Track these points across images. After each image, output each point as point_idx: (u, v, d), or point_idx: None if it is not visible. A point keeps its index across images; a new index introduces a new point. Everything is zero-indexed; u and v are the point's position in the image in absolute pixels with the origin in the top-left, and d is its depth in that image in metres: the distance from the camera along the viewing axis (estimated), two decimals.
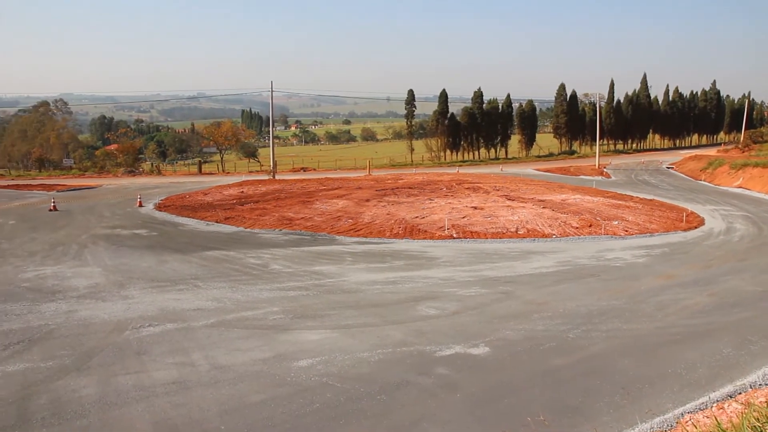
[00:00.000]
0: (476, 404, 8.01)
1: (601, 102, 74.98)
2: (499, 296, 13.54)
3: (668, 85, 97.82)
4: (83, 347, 10.02)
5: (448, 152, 74.18)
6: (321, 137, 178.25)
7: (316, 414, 7.66)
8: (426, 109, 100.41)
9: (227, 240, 20.93)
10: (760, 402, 7.35)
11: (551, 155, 77.91)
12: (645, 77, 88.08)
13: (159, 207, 29.69)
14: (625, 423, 7.38)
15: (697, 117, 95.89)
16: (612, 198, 32.47)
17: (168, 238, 21.20)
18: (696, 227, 24.36)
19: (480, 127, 74.51)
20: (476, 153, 76.13)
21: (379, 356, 9.68)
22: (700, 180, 46.99)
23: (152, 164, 72.28)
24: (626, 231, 22.48)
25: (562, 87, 79.95)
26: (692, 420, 7.30)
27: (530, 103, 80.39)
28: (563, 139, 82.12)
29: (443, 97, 73.00)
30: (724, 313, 12.35)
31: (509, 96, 77.70)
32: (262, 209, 27.59)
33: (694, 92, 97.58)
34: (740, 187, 40.26)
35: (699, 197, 35.57)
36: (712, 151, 65.74)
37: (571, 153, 79.80)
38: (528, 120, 78.40)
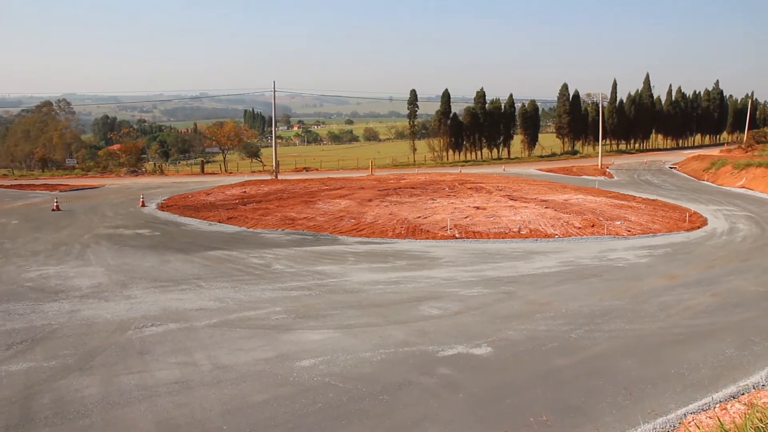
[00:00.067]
0: (478, 404, 8.00)
1: (604, 102, 74.86)
2: (502, 296, 13.53)
3: (671, 85, 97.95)
4: (86, 347, 10.05)
5: (451, 152, 74.18)
6: (323, 137, 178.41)
7: (319, 414, 7.67)
8: (428, 109, 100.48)
9: (230, 240, 20.96)
10: (763, 403, 7.33)
11: (554, 155, 77.80)
12: (648, 77, 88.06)
13: (161, 207, 29.73)
14: (628, 423, 7.37)
15: (700, 117, 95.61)
16: (615, 198, 32.41)
17: (170, 238, 21.24)
18: (699, 227, 24.29)
19: (482, 127, 74.45)
20: (479, 153, 76.07)
21: (382, 356, 9.68)
22: (703, 180, 46.84)
23: (155, 164, 72.51)
24: (629, 231, 22.43)
25: (565, 87, 79.87)
26: (695, 421, 7.28)
27: (533, 103, 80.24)
28: (566, 139, 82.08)
29: (446, 97, 73.05)
30: (727, 314, 12.32)
31: (512, 96, 77.74)
32: (265, 209, 27.62)
33: (697, 92, 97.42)
34: (743, 187, 40.14)
35: (702, 197, 35.47)
36: (715, 151, 65.53)
37: (574, 153, 79.70)
38: (530, 120, 78.28)
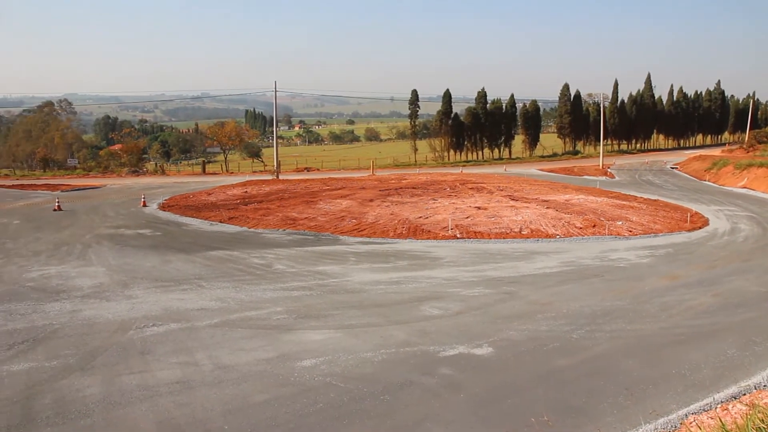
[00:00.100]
0: (480, 404, 8.00)
1: (605, 102, 74.80)
2: (503, 296, 13.52)
3: (672, 85, 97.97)
4: (87, 347, 10.06)
5: (452, 152, 74.18)
6: (324, 137, 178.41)
7: (320, 414, 7.68)
8: (429, 110, 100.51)
9: (231, 240, 20.97)
10: (765, 403, 7.33)
11: (555, 155, 77.76)
12: (649, 77, 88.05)
13: (163, 207, 29.75)
14: (629, 424, 7.37)
15: (702, 117, 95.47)
16: (616, 198, 32.38)
17: (172, 238, 21.25)
18: (700, 228, 24.27)
19: (484, 127, 74.44)
20: (480, 153, 76.06)
21: (383, 356, 9.68)
22: (705, 180, 46.79)
23: (156, 164, 72.54)
24: (630, 231, 22.41)
25: (566, 87, 79.86)
26: (696, 421, 7.27)
27: (534, 103, 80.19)
28: (567, 139, 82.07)
29: (447, 98, 73.06)
30: (729, 314, 12.31)
31: (513, 96, 77.74)
32: (266, 209, 27.63)
33: (699, 92, 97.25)
34: (745, 188, 40.10)
35: (703, 197, 35.43)
36: (717, 152, 65.44)
37: (575, 153, 79.66)
38: (532, 120, 78.22)
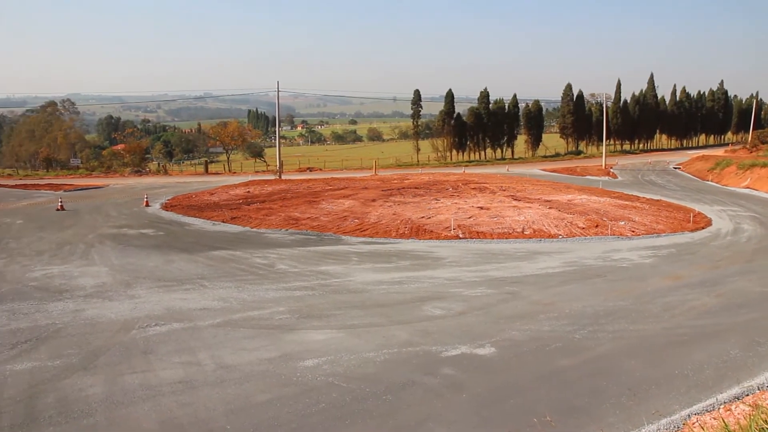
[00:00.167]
0: (482, 405, 8.00)
1: (608, 102, 74.74)
2: (505, 296, 13.51)
3: (675, 85, 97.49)
4: (90, 346, 10.08)
5: (455, 152, 74.14)
6: (327, 137, 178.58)
7: (322, 414, 7.68)
8: (432, 109, 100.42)
9: (233, 240, 20.99)
10: None
11: (558, 155, 77.69)
12: (652, 77, 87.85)
13: (165, 207, 29.81)
14: (632, 424, 7.35)
15: (705, 117, 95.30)
16: (618, 198, 32.32)
17: (174, 238, 21.29)
18: (703, 228, 24.21)
19: (486, 127, 74.43)
20: (482, 153, 76.03)
21: (385, 356, 9.68)
22: (708, 180, 46.69)
23: (159, 164, 72.70)
24: (633, 231, 22.37)
25: (569, 87, 79.76)
26: (699, 422, 7.26)
27: (536, 103, 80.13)
28: (570, 140, 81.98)
29: (449, 98, 73.01)
30: (732, 314, 12.27)
31: (515, 96, 77.62)
32: (269, 209, 27.66)
33: (702, 92, 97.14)
34: (748, 188, 40.00)
35: (706, 198, 35.35)
36: (720, 152, 65.33)
37: (578, 153, 79.56)
38: (534, 120, 78.16)
